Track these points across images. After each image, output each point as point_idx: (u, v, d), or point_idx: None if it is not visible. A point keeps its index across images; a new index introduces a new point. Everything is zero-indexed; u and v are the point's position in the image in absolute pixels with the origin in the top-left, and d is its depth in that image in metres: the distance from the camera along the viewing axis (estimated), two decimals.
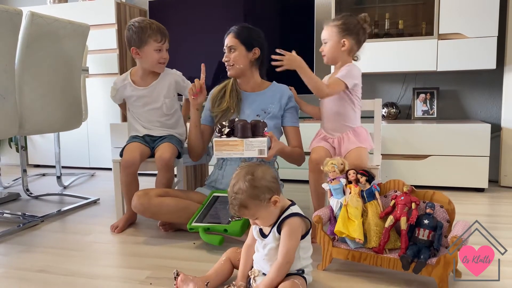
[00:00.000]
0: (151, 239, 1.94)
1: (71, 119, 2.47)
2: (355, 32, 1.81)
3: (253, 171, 1.28)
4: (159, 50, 2.07)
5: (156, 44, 2.06)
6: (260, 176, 1.27)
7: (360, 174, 1.56)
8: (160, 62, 2.10)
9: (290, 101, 2.03)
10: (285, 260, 1.26)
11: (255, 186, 1.26)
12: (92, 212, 2.44)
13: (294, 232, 1.28)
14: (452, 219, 1.45)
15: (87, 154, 3.76)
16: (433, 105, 3.14)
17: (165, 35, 2.08)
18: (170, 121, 2.19)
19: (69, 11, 3.54)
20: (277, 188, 1.30)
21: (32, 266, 1.64)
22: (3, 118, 1.98)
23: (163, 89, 2.15)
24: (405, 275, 1.48)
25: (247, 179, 1.26)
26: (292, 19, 3.18)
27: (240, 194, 1.26)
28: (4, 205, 2.60)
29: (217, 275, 1.41)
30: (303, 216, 1.31)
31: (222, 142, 1.72)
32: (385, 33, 3.07)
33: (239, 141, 1.70)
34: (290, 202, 1.34)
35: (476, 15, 2.73)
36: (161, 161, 1.97)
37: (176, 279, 1.35)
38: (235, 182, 1.29)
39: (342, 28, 1.80)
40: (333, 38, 1.81)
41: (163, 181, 2.00)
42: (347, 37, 1.80)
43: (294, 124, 2.04)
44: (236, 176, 1.30)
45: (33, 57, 2.14)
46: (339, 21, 1.81)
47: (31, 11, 2.07)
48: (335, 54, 1.83)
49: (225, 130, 1.74)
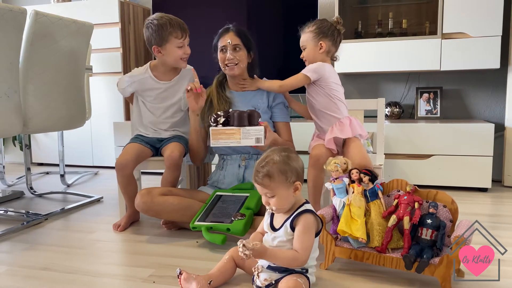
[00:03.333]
0: (154, 237, 1.95)
1: (74, 118, 2.47)
2: (330, 34, 1.90)
3: (289, 152, 1.32)
4: (181, 46, 2.04)
5: (177, 41, 2.01)
6: (294, 158, 1.31)
7: (363, 174, 1.56)
8: (182, 58, 2.07)
9: (278, 97, 2.05)
10: (304, 254, 1.26)
11: (287, 163, 1.29)
12: (96, 210, 2.44)
13: (310, 229, 1.28)
14: (455, 219, 1.45)
15: (91, 152, 3.77)
16: (437, 105, 3.14)
17: (185, 30, 2.04)
18: (181, 119, 2.18)
19: (73, 10, 3.55)
20: (302, 178, 1.32)
21: (36, 264, 1.65)
22: (8, 117, 1.99)
23: (183, 85, 2.14)
24: (407, 274, 1.48)
25: (283, 155, 1.30)
26: (295, 18, 3.17)
27: (271, 164, 1.28)
28: (8, 203, 2.61)
29: (220, 274, 1.41)
30: (316, 215, 1.32)
31: (218, 131, 1.72)
32: (388, 32, 3.06)
33: (236, 129, 1.70)
34: (305, 200, 1.35)
35: (480, 15, 2.72)
36: (170, 160, 1.97)
37: (180, 277, 1.35)
38: (268, 155, 1.31)
39: (317, 32, 1.89)
40: (310, 43, 1.90)
41: (170, 179, 2.00)
42: (323, 39, 1.89)
43: (284, 119, 2.05)
44: (271, 151, 1.33)
45: (37, 56, 2.15)
46: (313, 26, 1.90)
47: (35, 10, 2.08)
48: (314, 57, 1.91)
49: (220, 119, 1.75)
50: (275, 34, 3.24)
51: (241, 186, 1.97)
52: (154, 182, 2.57)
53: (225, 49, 1.97)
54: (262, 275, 1.33)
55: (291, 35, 3.22)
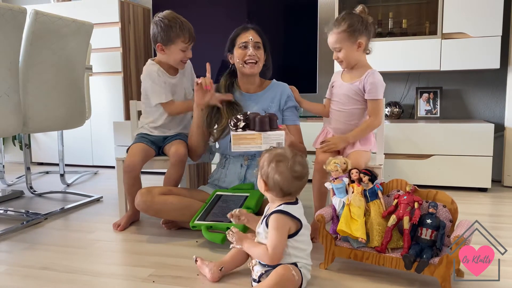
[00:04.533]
0: (154, 237, 1.95)
1: (74, 117, 2.47)
2: (364, 28, 1.79)
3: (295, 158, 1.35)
4: (185, 50, 2.06)
5: (183, 45, 2.03)
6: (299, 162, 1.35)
7: (362, 174, 1.56)
8: (183, 60, 2.09)
9: (290, 100, 2.02)
10: (272, 252, 1.29)
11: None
12: (95, 210, 2.44)
13: (278, 228, 1.30)
14: (455, 219, 1.45)
15: (91, 152, 3.77)
16: (436, 105, 3.14)
17: (192, 37, 2.05)
18: (187, 114, 2.19)
19: (72, 10, 3.55)
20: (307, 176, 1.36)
21: (35, 264, 1.65)
22: (7, 116, 1.99)
23: (188, 79, 2.18)
24: (407, 274, 1.48)
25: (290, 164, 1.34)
26: (296, 18, 3.18)
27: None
28: (7, 203, 2.61)
29: (232, 260, 1.48)
30: (291, 215, 1.31)
31: (239, 136, 1.71)
32: (388, 32, 3.06)
33: (257, 134, 1.69)
34: (289, 200, 1.35)
35: (480, 15, 2.72)
36: (176, 156, 1.97)
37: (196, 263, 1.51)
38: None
39: (351, 31, 1.77)
40: (347, 44, 1.78)
41: (174, 176, 2.00)
42: (359, 37, 1.78)
43: (295, 122, 2.04)
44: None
45: (37, 56, 2.15)
46: (344, 25, 1.77)
47: (35, 10, 2.08)
48: (353, 58, 1.82)
49: (240, 123, 1.73)
50: (275, 34, 3.23)
51: (241, 186, 1.97)
52: (155, 181, 2.56)
53: (246, 45, 1.92)
54: (256, 268, 1.36)
55: (291, 35, 3.24)
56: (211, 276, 1.44)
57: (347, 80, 1.87)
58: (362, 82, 1.81)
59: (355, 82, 1.83)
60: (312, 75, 3.14)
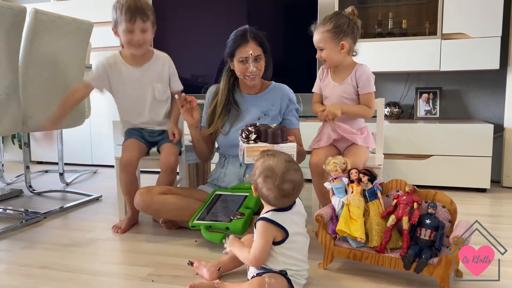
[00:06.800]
0: (153, 236, 1.95)
1: (74, 116, 2.47)
2: (350, 31, 1.77)
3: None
4: (130, 31, 1.89)
5: (126, 24, 1.88)
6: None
7: (362, 174, 1.56)
8: (132, 43, 1.92)
9: (291, 103, 2.02)
10: (252, 258, 1.31)
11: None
12: (95, 209, 2.44)
13: (260, 234, 1.30)
14: (454, 219, 1.45)
15: (90, 151, 3.77)
16: (436, 105, 3.14)
17: (135, 14, 1.86)
18: (161, 110, 2.09)
19: (72, 8, 3.55)
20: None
21: (35, 262, 1.65)
22: (7, 115, 1.98)
23: (155, 72, 2.05)
24: (406, 274, 1.48)
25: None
26: (295, 17, 3.18)
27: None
28: (7, 202, 2.61)
29: (230, 261, 1.48)
30: (274, 222, 1.30)
31: (253, 149, 1.73)
32: (388, 32, 3.06)
33: (269, 146, 1.72)
34: (272, 208, 1.34)
35: (479, 15, 2.72)
36: (166, 164, 1.96)
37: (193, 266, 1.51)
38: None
39: (336, 32, 1.76)
40: (330, 44, 1.77)
41: (166, 182, 1.99)
42: (343, 39, 1.77)
43: (296, 126, 2.04)
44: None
45: (36, 54, 2.15)
46: (330, 25, 1.76)
47: (35, 8, 2.08)
48: (336, 59, 1.81)
49: (251, 136, 1.75)
50: (275, 34, 3.23)
51: (240, 186, 1.97)
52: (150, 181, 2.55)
53: (246, 61, 1.89)
54: (251, 268, 1.37)
55: (291, 34, 3.24)
56: (210, 276, 1.44)
57: (338, 80, 1.86)
58: (353, 78, 1.82)
59: (346, 80, 1.83)
60: (312, 75, 3.13)
